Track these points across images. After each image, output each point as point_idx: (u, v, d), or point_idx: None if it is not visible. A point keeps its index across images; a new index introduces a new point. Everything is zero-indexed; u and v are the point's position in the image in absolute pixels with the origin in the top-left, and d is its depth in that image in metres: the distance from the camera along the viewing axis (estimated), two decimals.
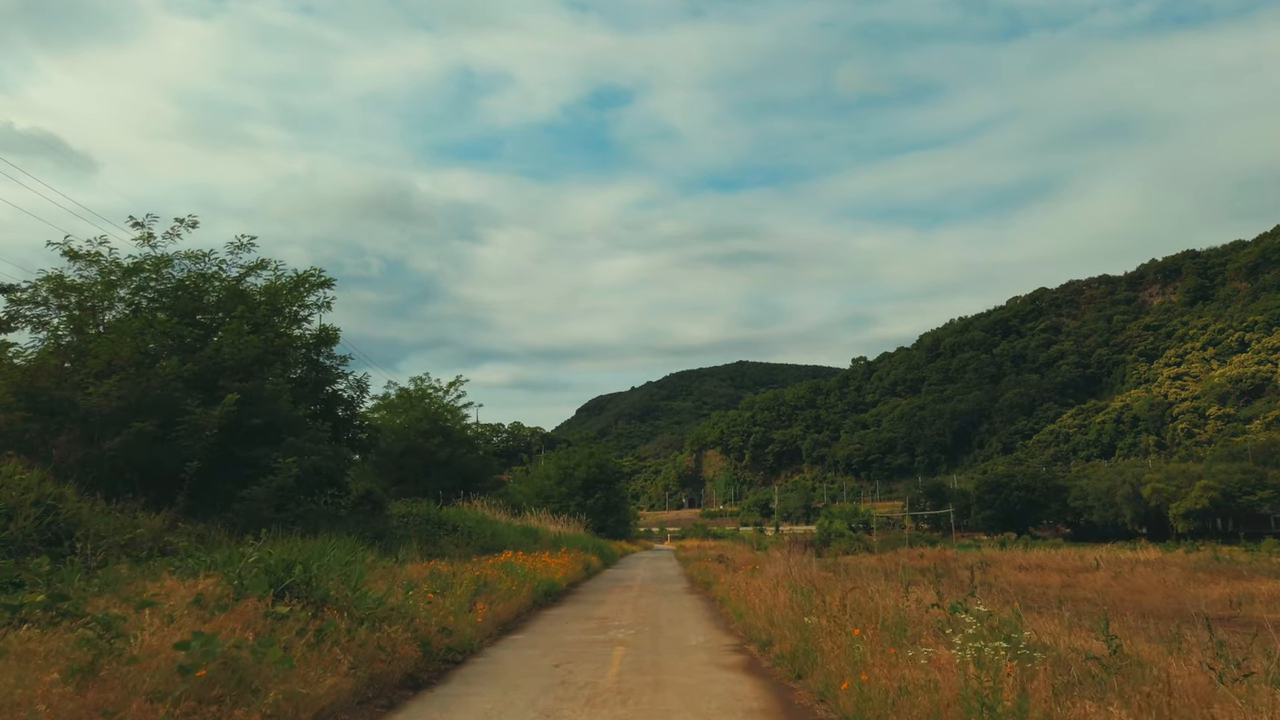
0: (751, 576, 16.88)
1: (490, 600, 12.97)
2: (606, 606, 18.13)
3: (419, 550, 17.35)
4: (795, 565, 16.28)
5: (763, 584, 14.98)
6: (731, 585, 17.33)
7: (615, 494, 70.64)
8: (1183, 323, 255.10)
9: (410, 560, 14.59)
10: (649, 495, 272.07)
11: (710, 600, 18.99)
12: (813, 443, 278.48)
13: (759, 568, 18.60)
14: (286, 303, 19.93)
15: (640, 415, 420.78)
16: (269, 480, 14.49)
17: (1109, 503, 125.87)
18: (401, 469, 39.08)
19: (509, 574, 15.91)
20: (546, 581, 18.57)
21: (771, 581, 14.75)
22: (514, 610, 14.28)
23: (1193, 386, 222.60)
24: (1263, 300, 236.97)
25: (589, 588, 24.16)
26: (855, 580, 13.30)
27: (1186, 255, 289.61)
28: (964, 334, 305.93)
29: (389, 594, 10.20)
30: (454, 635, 11.04)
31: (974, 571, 18.49)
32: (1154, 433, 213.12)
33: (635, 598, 20.16)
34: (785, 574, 15.29)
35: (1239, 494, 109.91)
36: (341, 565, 9.17)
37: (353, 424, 21.51)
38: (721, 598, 17.60)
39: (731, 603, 15.70)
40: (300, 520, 15.24)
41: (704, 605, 17.98)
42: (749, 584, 15.79)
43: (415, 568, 13.29)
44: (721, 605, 17.14)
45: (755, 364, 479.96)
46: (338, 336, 21.42)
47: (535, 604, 17.40)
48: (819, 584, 12.83)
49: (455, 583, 12.61)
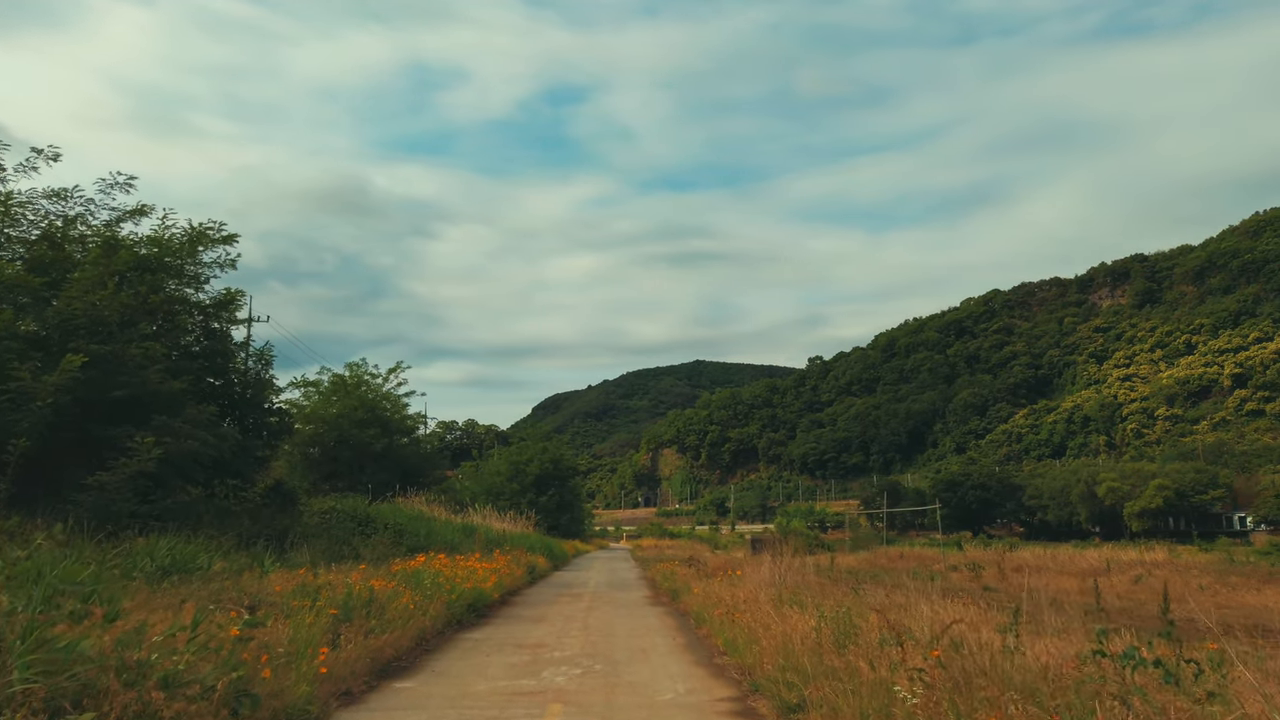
0: (732, 584, 13.74)
1: (370, 628, 8.91)
2: (547, 625, 13.99)
3: (325, 552, 14.53)
4: (786, 570, 13.18)
5: (750, 595, 12.09)
6: (709, 596, 14.00)
7: (569, 491, 67.71)
8: (1131, 325, 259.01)
9: (305, 564, 11.50)
10: (605, 494, 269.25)
11: (681, 616, 15.01)
12: (769, 441, 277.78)
13: (738, 573, 15.30)
14: (176, 258, 16.91)
15: (597, 414, 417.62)
16: (124, 465, 11.56)
17: (1063, 502, 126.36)
18: (334, 462, 35.94)
19: (414, 585, 12.15)
20: (471, 593, 14.74)
21: (758, 589, 11.94)
22: (410, 637, 10.40)
23: (1141, 388, 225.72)
24: (1209, 304, 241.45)
25: (530, 597, 19.81)
26: (869, 590, 10.67)
27: (1135, 259, 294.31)
28: (918, 334, 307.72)
29: (164, 634, 5.69)
30: (260, 706, 5.99)
31: (1019, 577, 16.13)
32: (1104, 433, 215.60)
33: (586, 611, 16.03)
34: (773, 580, 12.54)
35: (1192, 493, 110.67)
36: (74, 582, 5.88)
37: (258, 405, 18.37)
38: (697, 613, 13.78)
39: (714, 622, 11.93)
40: (174, 515, 12.32)
41: (674, 623, 14.15)
42: (733, 595, 12.63)
43: (280, 577, 9.80)
44: (699, 624, 13.28)
45: (712, 363, 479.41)
46: (241, 302, 18.40)
47: (453, 623, 13.40)
48: (829, 597, 10.19)
49: (323, 600, 8.46)
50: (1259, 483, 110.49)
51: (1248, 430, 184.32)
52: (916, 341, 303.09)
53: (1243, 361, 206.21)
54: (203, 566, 8.44)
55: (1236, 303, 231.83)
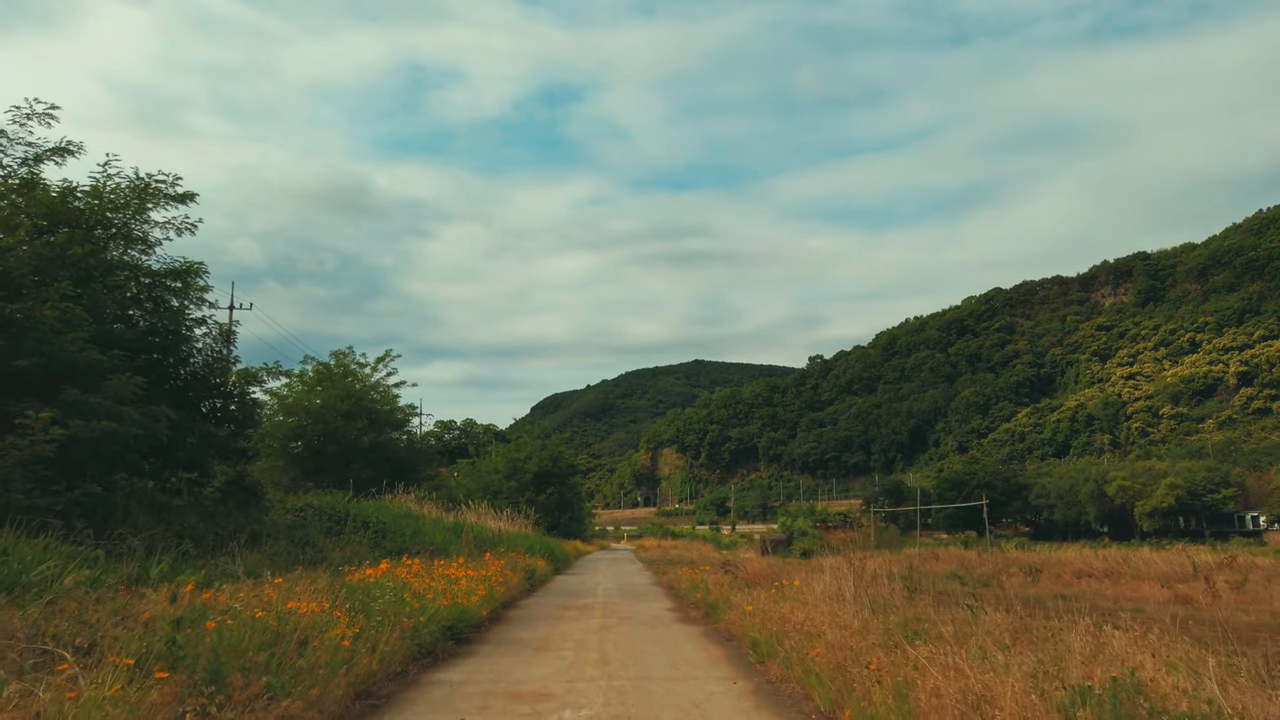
0: (789, 597, 10.60)
1: (268, 690, 5.37)
2: (551, 657, 10.34)
3: (286, 555, 12.14)
4: (854, 579, 10.17)
5: (827, 614, 8.94)
6: (767, 616, 10.26)
7: (569, 490, 65.30)
8: (1134, 323, 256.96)
9: (237, 575, 8.88)
10: (604, 494, 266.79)
11: (727, 641, 11.38)
12: (769, 441, 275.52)
13: (795, 582, 11.84)
14: (120, 214, 14.49)
15: (596, 414, 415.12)
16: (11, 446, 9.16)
17: (1071, 501, 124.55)
18: (319, 456, 33.53)
19: (363, 606, 8.74)
20: (449, 612, 11.00)
21: (832, 605, 9.13)
22: (344, 690, 6.91)
23: (1145, 386, 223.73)
24: (1213, 301, 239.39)
25: (529, 612, 16.03)
26: (975, 608, 8.16)
27: (1137, 257, 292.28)
28: (920, 333, 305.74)
29: None
30: None
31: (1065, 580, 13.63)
32: (1108, 432, 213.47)
33: (600, 633, 12.49)
34: (841, 593, 9.79)
35: (1203, 492, 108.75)
36: None
37: (212, 386, 15.88)
38: (755, 640, 10.03)
39: (794, 660, 8.25)
40: (85, 508, 9.94)
41: (723, 653, 10.48)
42: (806, 616, 9.18)
43: (159, 599, 6.48)
44: (763, 658, 9.60)
45: (711, 363, 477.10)
46: (202, 274, 15.96)
47: (422, 656, 9.84)
48: (942, 615, 7.61)
49: (183, 645, 5.19)
50: (1271, 481, 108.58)
51: (1254, 428, 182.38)
52: (918, 340, 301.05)
53: (1248, 359, 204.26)
54: (47, 579, 5.97)
55: (1240, 300, 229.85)
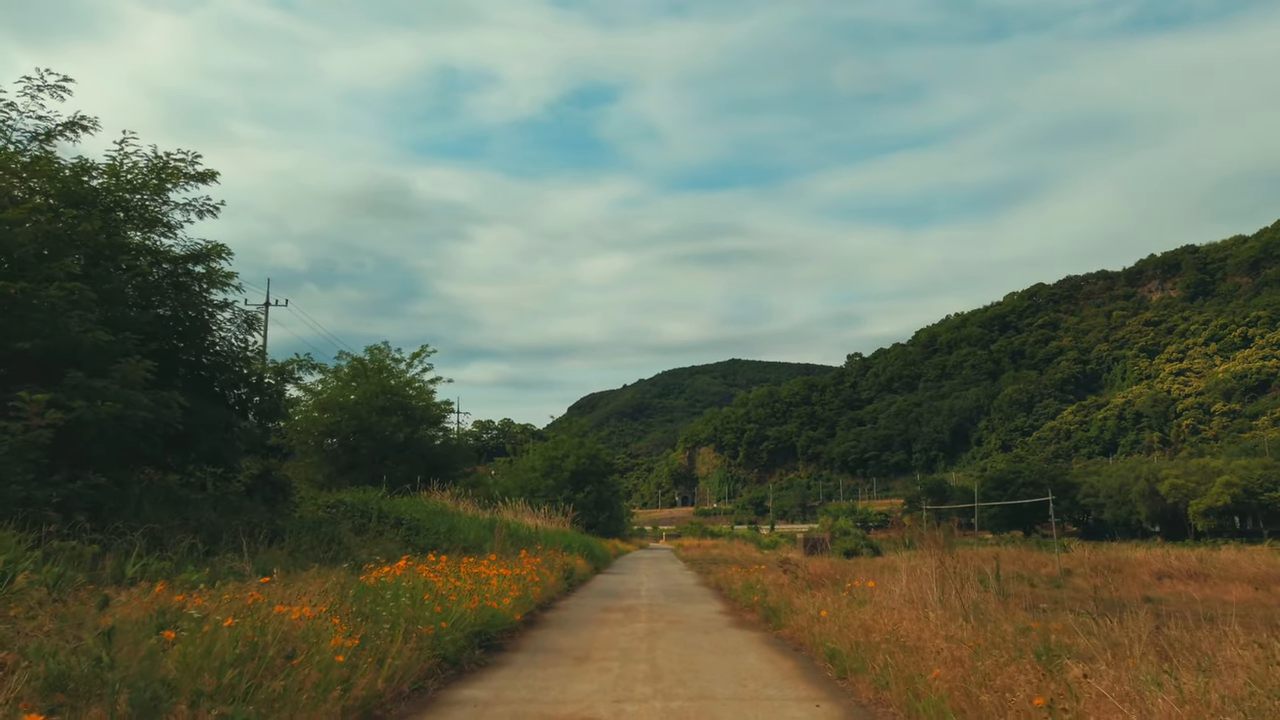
0: (862, 601, 9.37)
1: None
2: (594, 669, 9.06)
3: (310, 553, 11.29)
4: (937, 581, 8.78)
5: (917, 622, 7.76)
6: (845, 622, 9.04)
7: (607, 488, 64.39)
8: (1184, 318, 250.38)
9: (243, 575, 7.71)
10: (641, 493, 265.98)
11: (795, 650, 10.13)
12: (808, 440, 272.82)
13: (869, 584, 10.60)
14: (133, 193, 13.76)
15: (633, 413, 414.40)
16: (9, 433, 8.36)
17: (1121, 500, 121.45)
18: (354, 453, 32.94)
19: (371, 612, 7.56)
20: (476, 617, 9.81)
21: (917, 611, 7.98)
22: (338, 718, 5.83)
23: (1196, 382, 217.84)
24: (1265, 295, 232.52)
25: (567, 614, 14.78)
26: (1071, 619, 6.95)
27: (1186, 250, 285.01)
28: (961, 330, 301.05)
29: None
30: None
31: None
32: (1158, 429, 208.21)
33: (648, 639, 11.23)
34: (920, 596, 8.68)
35: (1261, 491, 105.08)
36: None
37: (239, 376, 15.07)
38: (833, 650, 8.75)
39: (893, 678, 6.99)
40: (96, 501, 9.13)
41: (794, 666, 9.15)
42: (894, 623, 7.97)
43: (135, 598, 5.52)
44: (845, 673, 8.34)
45: (747, 362, 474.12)
46: (223, 253, 15.23)
47: (444, 667, 8.57)
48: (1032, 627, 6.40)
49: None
50: None
51: None
52: (959, 337, 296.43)
53: None
54: None
55: None
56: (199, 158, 14.60)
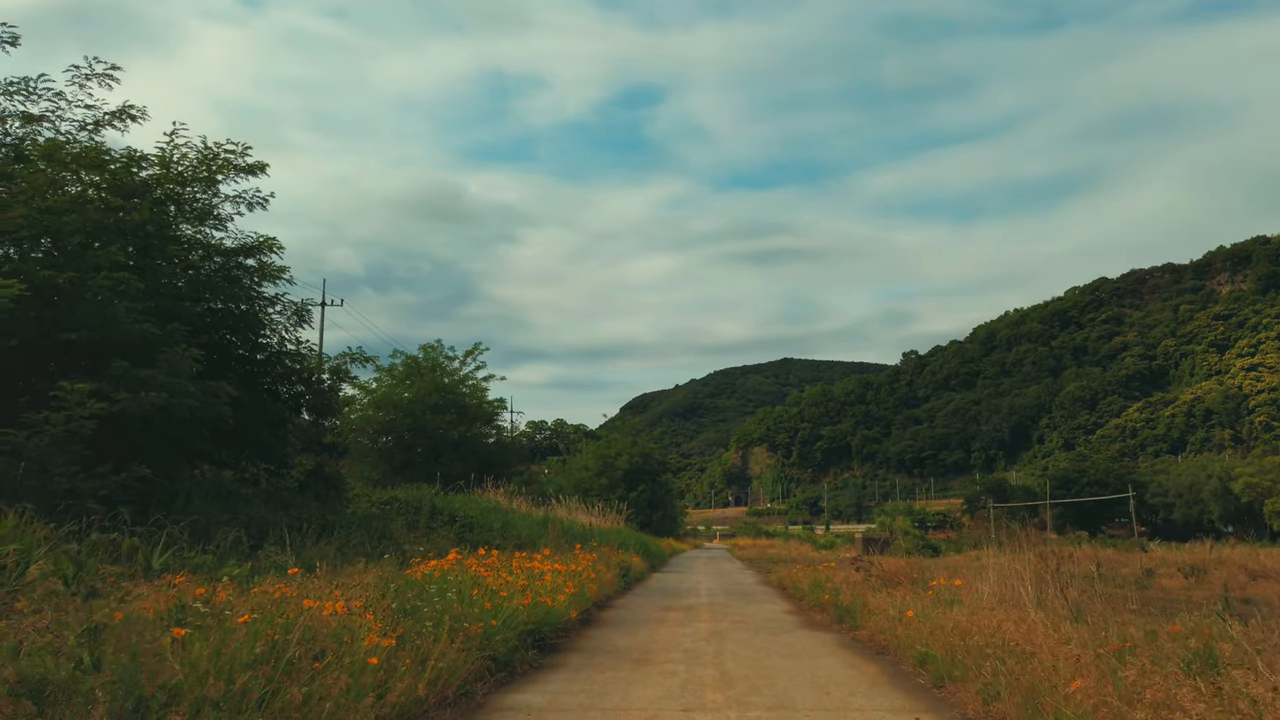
0: (943, 603, 8.65)
1: None
2: (656, 673, 8.35)
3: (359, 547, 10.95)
4: (1031, 580, 7.57)
5: (1018, 623, 6.98)
6: (936, 623, 8.20)
7: (661, 487, 63.88)
8: (1255, 311, 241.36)
9: (284, 568, 7.27)
10: (694, 493, 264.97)
11: (877, 653, 9.40)
12: (863, 439, 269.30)
13: (956, 582, 9.71)
14: (188, 187, 13.61)
15: (684, 413, 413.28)
16: (45, 421, 8.12)
17: (1192, 499, 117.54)
18: (408, 451, 32.95)
19: (413, 609, 7.04)
20: (529, 614, 9.13)
21: (1013, 610, 7.20)
22: None
23: (1269, 378, 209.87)
24: None
25: (625, 613, 14.15)
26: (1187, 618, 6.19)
27: (1257, 241, 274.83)
28: (1020, 326, 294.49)
29: None
30: None
31: None
32: (1229, 426, 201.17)
33: (712, 640, 10.55)
34: (1014, 597, 7.88)
35: None
36: None
37: (291, 371, 14.81)
38: (932, 660, 7.83)
39: (1005, 684, 6.09)
40: (143, 495, 8.88)
41: (878, 671, 8.41)
42: (996, 624, 7.13)
43: (152, 591, 5.16)
44: (941, 679, 7.53)
45: (800, 360, 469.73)
46: (274, 247, 15.04)
47: (495, 668, 7.92)
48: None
49: None
50: None
51: None
52: (1018, 334, 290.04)
53: None
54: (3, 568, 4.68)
55: None
56: (249, 149, 14.43)
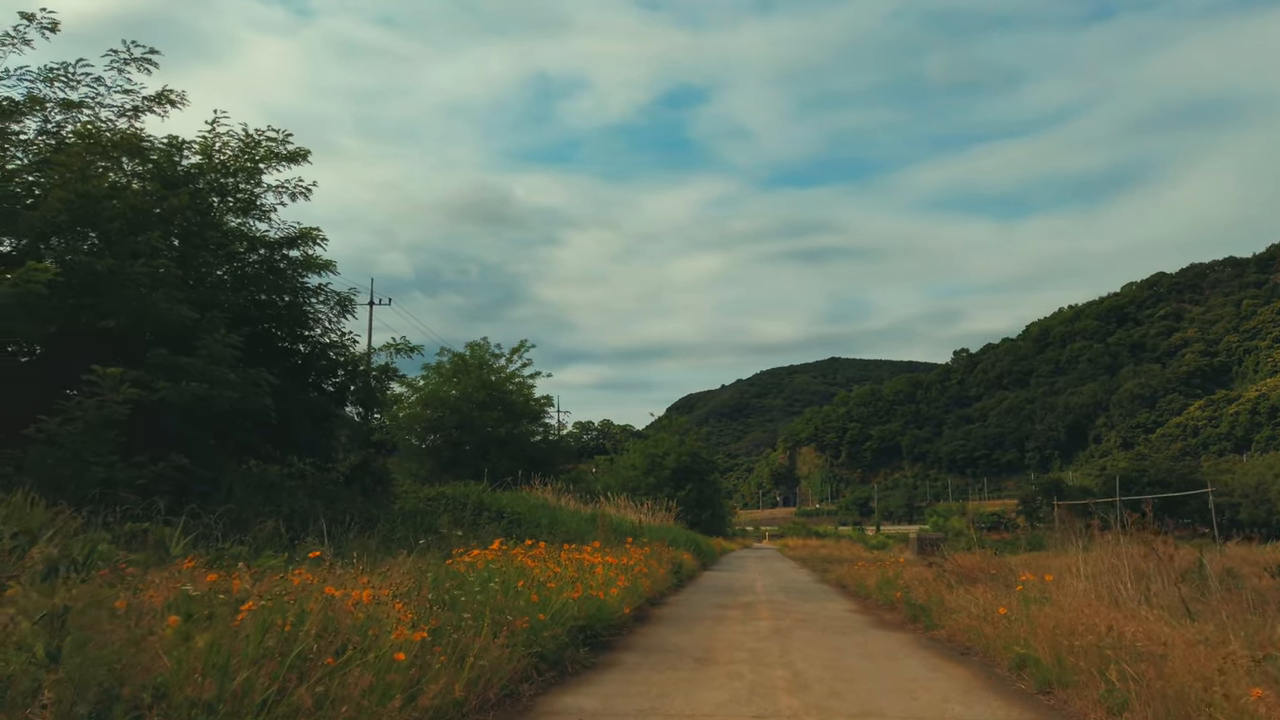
0: (1033, 601, 7.70)
1: None
2: (720, 675, 7.60)
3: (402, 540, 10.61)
4: (1130, 576, 7.24)
5: (1139, 622, 6.15)
6: (1042, 627, 7.12)
7: (709, 486, 63.25)
8: None
9: (320, 560, 6.36)
10: (741, 493, 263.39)
11: (961, 655, 8.62)
12: (913, 439, 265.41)
13: (1046, 577, 8.63)
14: (226, 175, 13.38)
15: (731, 413, 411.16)
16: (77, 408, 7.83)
17: (1260, 499, 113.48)
18: (455, 448, 32.81)
19: (453, 598, 6.48)
20: (579, 608, 8.53)
21: (1123, 608, 6.41)
22: None
23: None
24: None
25: (679, 610, 13.48)
26: None
27: None
28: (1075, 323, 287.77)
29: None
30: None
31: None
32: None
33: (776, 638, 9.88)
34: (1111, 594, 7.08)
35: None
36: None
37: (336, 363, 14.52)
38: (1031, 663, 7.04)
39: (1165, 711, 4.93)
40: (182, 485, 8.58)
41: (969, 675, 7.60)
42: (1110, 623, 6.21)
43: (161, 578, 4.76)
44: (1049, 685, 6.71)
45: (847, 360, 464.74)
46: (317, 237, 14.80)
47: (542, 667, 7.31)
48: None
49: None
50: None
51: None
52: (1073, 330, 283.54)
53: None
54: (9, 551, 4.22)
55: None
56: (289, 136, 14.19)
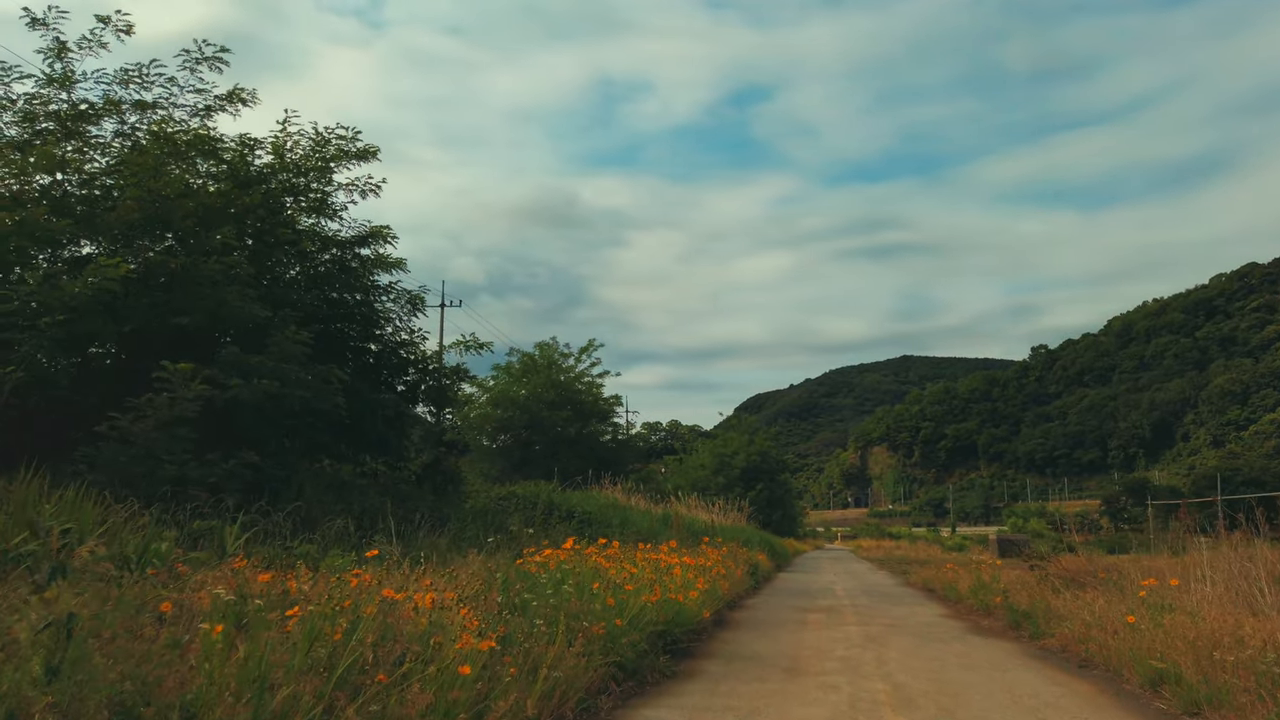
0: (1163, 611, 7.02)
1: None
2: (814, 688, 7.02)
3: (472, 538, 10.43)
4: (1252, 579, 6.57)
5: None
6: (1178, 639, 6.51)
7: (779, 486, 62.44)
8: None
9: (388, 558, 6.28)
10: (812, 494, 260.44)
11: (1081, 667, 7.95)
12: (990, 438, 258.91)
13: (1149, 581, 7.98)
14: (298, 175, 13.41)
15: (799, 413, 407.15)
16: (150, 405, 7.83)
17: None
18: (526, 449, 32.87)
19: (524, 603, 6.13)
20: (658, 612, 7.96)
21: (1241, 616, 6.04)
22: None
23: None
24: None
25: (758, 614, 12.95)
26: None
27: None
28: (1160, 317, 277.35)
29: None
30: None
31: None
32: None
33: (871, 649, 9.14)
34: (1247, 599, 6.54)
35: None
36: None
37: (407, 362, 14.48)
38: (1172, 680, 6.17)
39: None
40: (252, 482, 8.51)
41: (1105, 699, 6.66)
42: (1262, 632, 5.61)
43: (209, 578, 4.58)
44: (1201, 714, 5.68)
45: (920, 358, 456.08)
46: (388, 236, 14.79)
47: (621, 675, 6.75)
48: None
49: None
50: None
51: None
52: (1158, 325, 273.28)
53: None
54: None
55: None
56: (359, 133, 14.17)
